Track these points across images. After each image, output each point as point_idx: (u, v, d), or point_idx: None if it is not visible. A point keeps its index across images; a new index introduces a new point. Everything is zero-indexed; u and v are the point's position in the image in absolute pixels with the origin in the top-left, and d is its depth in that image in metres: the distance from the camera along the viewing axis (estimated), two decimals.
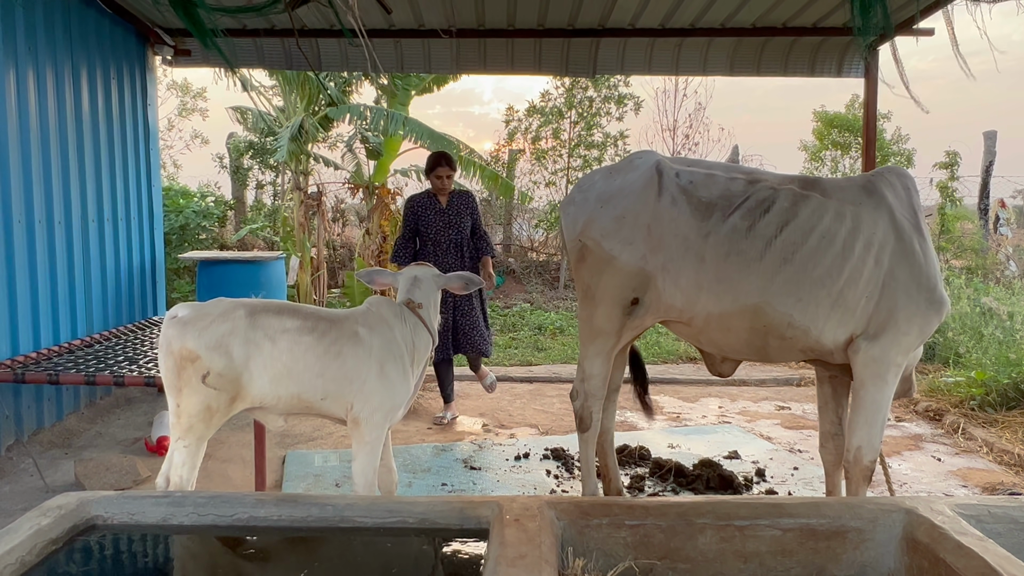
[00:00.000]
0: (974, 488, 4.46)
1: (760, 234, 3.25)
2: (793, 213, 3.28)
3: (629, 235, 3.38)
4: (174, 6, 2.38)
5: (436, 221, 5.54)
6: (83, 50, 5.57)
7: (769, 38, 6.42)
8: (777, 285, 3.23)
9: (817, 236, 3.24)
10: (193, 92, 17.59)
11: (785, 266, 3.24)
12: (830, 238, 3.24)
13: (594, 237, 3.44)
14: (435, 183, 5.54)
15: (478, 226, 5.69)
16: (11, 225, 4.70)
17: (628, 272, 3.39)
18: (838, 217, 3.27)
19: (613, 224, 3.41)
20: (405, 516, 2.38)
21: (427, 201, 5.60)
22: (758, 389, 6.93)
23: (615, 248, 3.39)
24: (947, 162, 11.82)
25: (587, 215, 3.49)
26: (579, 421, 3.68)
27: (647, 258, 3.36)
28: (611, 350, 3.56)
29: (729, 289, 3.27)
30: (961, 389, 5.97)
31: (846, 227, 3.25)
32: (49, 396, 5.12)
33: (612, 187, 3.49)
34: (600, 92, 13.15)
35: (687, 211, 3.32)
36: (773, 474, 4.60)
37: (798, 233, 3.25)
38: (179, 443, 2.88)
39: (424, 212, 5.56)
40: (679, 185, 3.37)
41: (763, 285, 3.24)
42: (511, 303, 11.53)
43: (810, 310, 3.24)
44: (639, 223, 3.37)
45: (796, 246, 3.24)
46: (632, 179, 3.45)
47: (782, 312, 3.24)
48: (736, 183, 3.37)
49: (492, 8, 5.91)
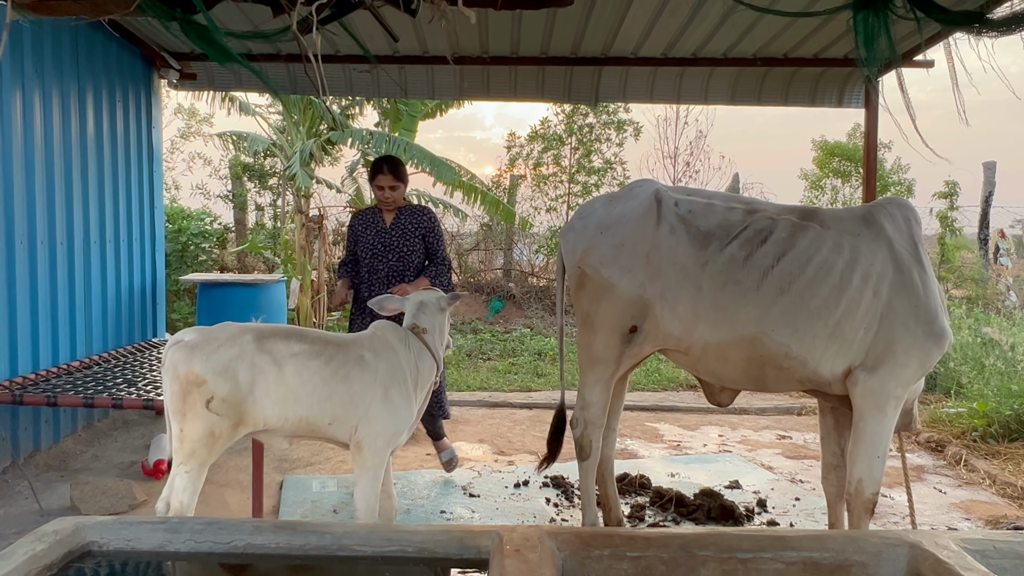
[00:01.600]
0: (977, 521, 4.42)
1: (757, 264, 3.26)
2: (790, 243, 3.28)
3: (628, 263, 3.39)
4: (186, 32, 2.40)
5: (374, 243, 4.61)
6: (89, 73, 5.61)
7: (770, 68, 6.47)
8: (774, 315, 3.23)
9: (814, 267, 3.24)
10: (200, 117, 17.70)
11: (782, 296, 3.24)
12: (827, 269, 3.24)
13: (593, 264, 3.46)
14: (377, 195, 4.63)
15: (436, 251, 4.68)
16: (13, 246, 4.70)
17: (627, 300, 3.39)
18: (836, 248, 3.27)
19: (612, 252, 3.43)
20: (404, 545, 2.35)
21: (370, 217, 4.68)
22: (759, 418, 6.89)
23: (614, 276, 3.41)
24: (947, 192, 11.88)
25: (586, 242, 3.51)
26: (579, 449, 3.66)
27: (645, 286, 3.37)
28: (610, 378, 3.56)
29: (726, 318, 3.27)
30: (963, 420, 5.94)
31: (844, 258, 3.25)
32: (47, 418, 5.09)
33: (612, 215, 3.51)
34: (600, 118, 13.24)
35: (685, 240, 3.34)
36: (775, 505, 4.56)
37: (795, 263, 3.25)
38: (181, 468, 2.86)
39: (364, 231, 4.64)
40: (678, 214, 3.39)
41: (760, 315, 3.24)
42: (511, 328, 11.51)
43: (807, 341, 3.23)
44: (638, 251, 3.38)
45: (793, 276, 3.24)
46: (632, 207, 3.47)
47: (779, 342, 3.23)
48: (735, 212, 3.38)
49: (496, 36, 5.96)
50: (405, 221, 4.62)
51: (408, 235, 4.59)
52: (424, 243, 4.64)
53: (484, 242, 14.56)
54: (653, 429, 6.40)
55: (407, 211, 4.67)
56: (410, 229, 4.61)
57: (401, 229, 4.60)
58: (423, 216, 4.66)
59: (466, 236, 14.75)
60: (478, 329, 11.34)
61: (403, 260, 4.58)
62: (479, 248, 14.57)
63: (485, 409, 6.99)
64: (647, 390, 7.91)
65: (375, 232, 4.60)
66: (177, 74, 6.67)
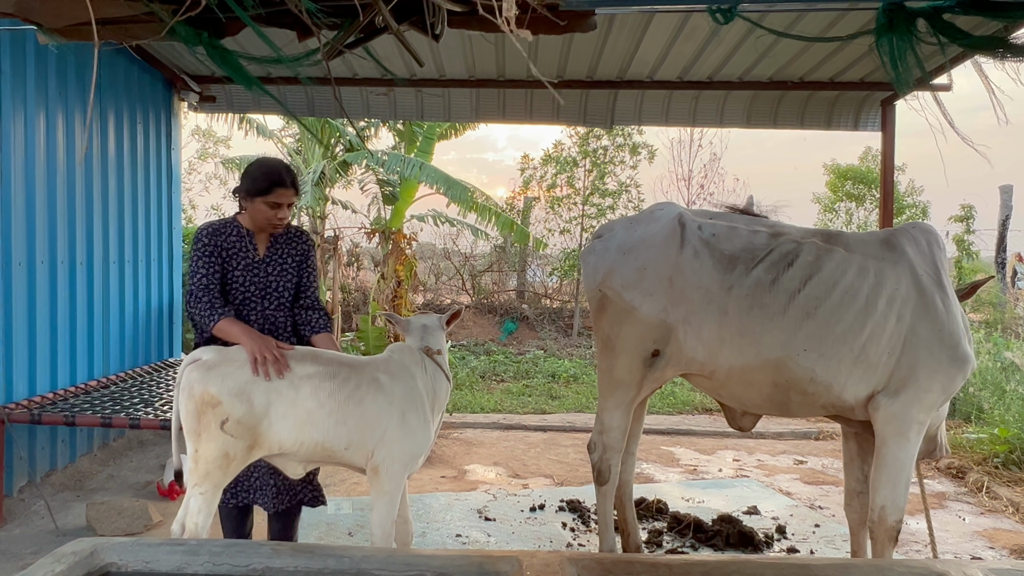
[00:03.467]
0: (1002, 550, 4.34)
1: (784, 288, 3.24)
2: (817, 267, 3.26)
3: (650, 286, 3.36)
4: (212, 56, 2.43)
5: (244, 279, 3.23)
6: (111, 95, 5.69)
7: (786, 92, 6.48)
8: (800, 340, 3.21)
9: (840, 291, 3.22)
10: (216, 138, 17.91)
11: (808, 321, 3.21)
12: (853, 293, 3.22)
13: (615, 287, 3.44)
14: (265, 215, 3.18)
15: (308, 289, 3.38)
16: (34, 266, 4.75)
17: (649, 323, 3.37)
18: (861, 272, 3.25)
19: (634, 275, 3.40)
20: (423, 570, 2.32)
21: (236, 242, 3.24)
22: (775, 442, 6.82)
23: (636, 299, 3.38)
24: (963, 215, 11.82)
25: (608, 265, 3.49)
26: (597, 474, 3.62)
27: (668, 310, 3.34)
28: (631, 402, 3.52)
29: (752, 343, 3.24)
30: (984, 446, 5.86)
31: (869, 282, 3.23)
32: (63, 437, 5.10)
33: (633, 237, 3.49)
34: (614, 140, 13.29)
35: (710, 264, 3.32)
36: (794, 531, 4.50)
37: (821, 288, 3.23)
38: (195, 490, 2.84)
39: (231, 260, 3.22)
40: (701, 238, 3.38)
41: (786, 340, 3.21)
42: (524, 350, 11.49)
43: (832, 366, 3.20)
44: (661, 275, 3.36)
45: (819, 300, 3.21)
46: (654, 230, 3.45)
47: (805, 367, 3.20)
48: (759, 236, 3.37)
49: (512, 60, 6.00)
50: (281, 250, 3.31)
51: (285, 270, 3.31)
52: (299, 275, 3.35)
53: (497, 263, 14.58)
54: (669, 453, 6.35)
55: (283, 238, 3.32)
56: (288, 261, 3.31)
57: (277, 261, 3.29)
58: (300, 242, 3.36)
59: (479, 257, 14.79)
60: (491, 350, 11.33)
61: (280, 306, 3.31)
62: (492, 269, 14.59)
63: (499, 431, 6.96)
64: (662, 413, 7.85)
65: (245, 264, 3.23)
66: (197, 96, 6.76)
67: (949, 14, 2.45)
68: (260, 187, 3.15)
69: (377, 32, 2.43)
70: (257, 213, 3.18)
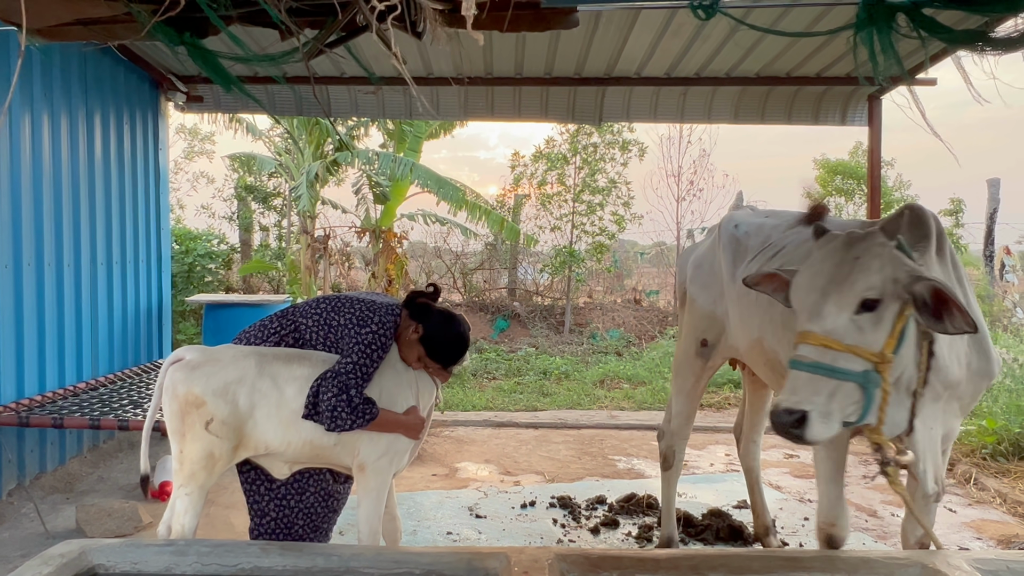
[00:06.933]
0: (989, 541, 4.37)
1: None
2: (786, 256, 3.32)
3: (705, 280, 3.74)
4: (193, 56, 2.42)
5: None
6: (97, 96, 5.66)
7: (773, 87, 6.50)
8: (766, 323, 3.29)
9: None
10: (201, 136, 17.86)
11: (773, 305, 3.26)
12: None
13: (686, 282, 3.90)
14: (429, 368, 3.04)
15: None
16: (21, 267, 4.72)
17: (701, 314, 3.72)
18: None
19: (695, 271, 3.85)
20: (412, 567, 2.33)
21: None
22: (766, 437, 6.81)
23: (694, 291, 3.80)
24: (952, 209, 11.88)
25: (687, 261, 3.95)
26: (663, 460, 3.96)
27: (716, 302, 3.66)
28: (691, 389, 3.84)
29: (745, 327, 3.44)
30: (972, 438, 5.89)
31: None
32: (52, 440, 5.08)
33: (707, 238, 3.94)
34: (604, 137, 13.30)
35: (730, 258, 3.57)
36: (784, 525, 4.52)
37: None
38: (181, 490, 2.83)
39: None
40: (734, 235, 3.61)
41: (759, 322, 3.34)
42: (516, 347, 11.49)
43: (783, 348, 3.26)
44: (711, 270, 3.72)
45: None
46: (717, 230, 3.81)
47: (772, 348, 3.28)
48: (776, 231, 3.51)
49: (500, 57, 6.01)
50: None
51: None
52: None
53: (488, 261, 14.57)
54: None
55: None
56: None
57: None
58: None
59: (471, 255, 14.78)
60: (483, 348, 11.33)
61: None
62: (483, 267, 14.58)
63: (491, 429, 6.96)
64: (652, 409, 7.87)
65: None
66: (184, 96, 6.73)
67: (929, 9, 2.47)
68: (452, 358, 3.02)
69: (359, 31, 2.43)
70: (424, 364, 3.02)
